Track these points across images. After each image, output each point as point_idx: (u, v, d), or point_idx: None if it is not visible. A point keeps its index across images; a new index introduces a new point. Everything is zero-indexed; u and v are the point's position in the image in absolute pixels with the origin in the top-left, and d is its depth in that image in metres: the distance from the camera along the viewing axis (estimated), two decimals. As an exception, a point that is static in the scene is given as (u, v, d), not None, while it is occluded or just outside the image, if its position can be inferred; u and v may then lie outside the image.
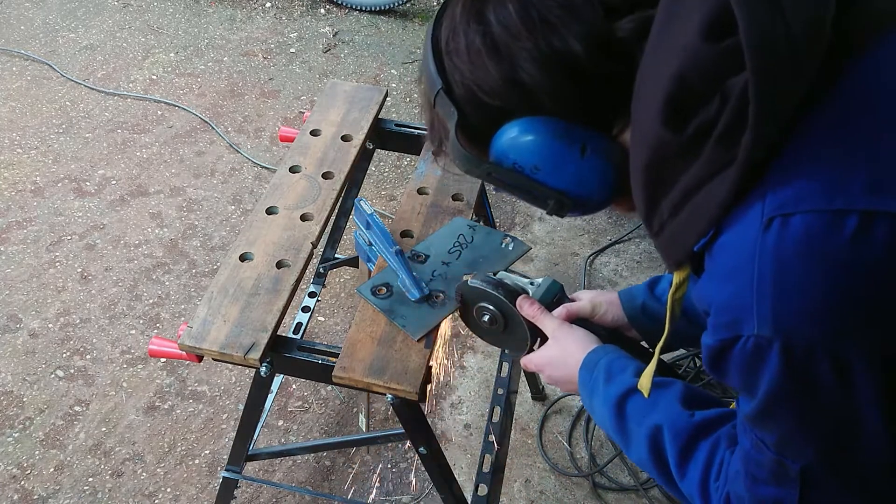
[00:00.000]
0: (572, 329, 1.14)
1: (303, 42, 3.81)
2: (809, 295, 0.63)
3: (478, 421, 2.35)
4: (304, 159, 1.73)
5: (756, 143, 0.64)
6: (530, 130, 0.79)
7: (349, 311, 2.65)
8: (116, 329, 2.57)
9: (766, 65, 0.62)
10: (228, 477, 1.85)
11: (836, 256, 0.61)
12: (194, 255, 2.81)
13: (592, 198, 0.85)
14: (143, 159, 3.18)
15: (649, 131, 0.71)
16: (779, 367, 0.66)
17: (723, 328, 0.69)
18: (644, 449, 0.93)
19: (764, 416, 0.71)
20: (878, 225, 0.61)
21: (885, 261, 0.61)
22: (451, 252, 1.52)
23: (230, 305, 1.44)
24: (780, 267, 0.63)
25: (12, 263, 2.76)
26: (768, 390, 0.68)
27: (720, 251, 0.69)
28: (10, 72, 3.57)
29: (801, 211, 0.63)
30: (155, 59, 3.68)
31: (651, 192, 0.74)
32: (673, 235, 0.74)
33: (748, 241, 0.65)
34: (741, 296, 0.66)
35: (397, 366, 1.35)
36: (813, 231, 0.62)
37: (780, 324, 0.64)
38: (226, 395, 2.41)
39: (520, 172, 0.83)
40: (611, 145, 0.82)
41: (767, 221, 0.64)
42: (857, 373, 0.64)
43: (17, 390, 2.40)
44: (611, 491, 2.21)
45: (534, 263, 2.79)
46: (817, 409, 0.68)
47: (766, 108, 0.63)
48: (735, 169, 0.65)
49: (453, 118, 0.82)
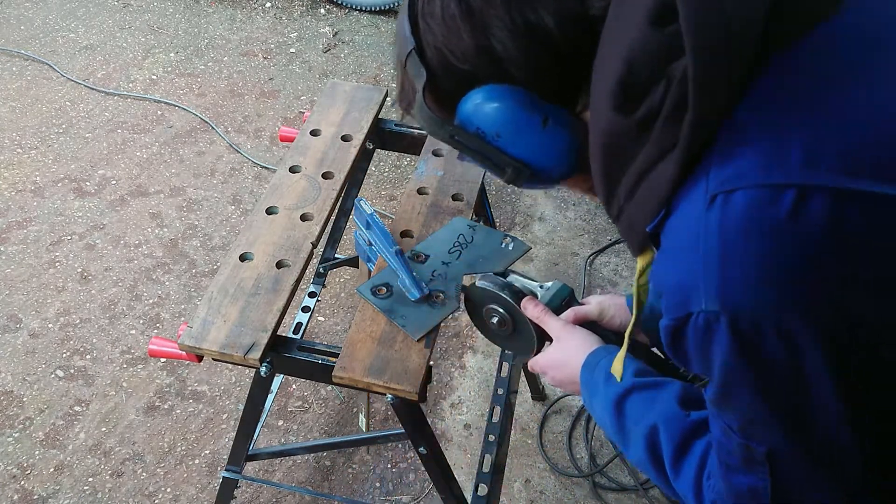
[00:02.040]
0: (575, 330, 1.14)
1: (303, 42, 3.81)
2: (751, 268, 0.63)
3: (478, 421, 2.35)
4: (304, 159, 1.73)
5: (697, 123, 0.65)
6: (495, 98, 0.80)
7: (349, 311, 2.65)
8: (116, 329, 2.57)
9: (703, 48, 0.63)
10: (228, 477, 1.85)
11: (776, 230, 0.62)
12: (194, 255, 2.81)
13: (549, 169, 0.87)
14: (143, 159, 3.18)
15: (603, 115, 0.72)
16: (728, 342, 0.66)
17: (675, 307, 0.69)
18: (641, 448, 0.93)
19: (724, 397, 0.72)
20: (815, 199, 0.61)
21: (822, 234, 0.62)
22: (451, 252, 1.52)
23: (230, 305, 1.44)
24: (723, 242, 0.64)
25: (12, 263, 2.76)
26: (722, 367, 0.69)
27: (670, 231, 0.71)
28: (10, 72, 3.57)
29: (742, 186, 0.63)
30: (155, 59, 3.68)
31: (608, 176, 0.75)
32: (630, 219, 0.75)
33: (694, 219, 0.66)
34: (689, 273, 0.67)
35: (397, 366, 1.35)
36: (753, 205, 0.63)
37: (726, 298, 0.65)
38: (226, 395, 2.41)
39: (481, 138, 0.84)
40: (573, 121, 0.83)
41: (711, 198, 0.65)
42: (804, 347, 0.64)
43: (17, 390, 2.40)
44: (611, 491, 2.21)
45: (534, 263, 2.79)
46: (772, 387, 0.68)
47: (704, 89, 0.64)
48: (679, 148, 0.67)
49: (422, 79, 0.83)
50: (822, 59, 0.67)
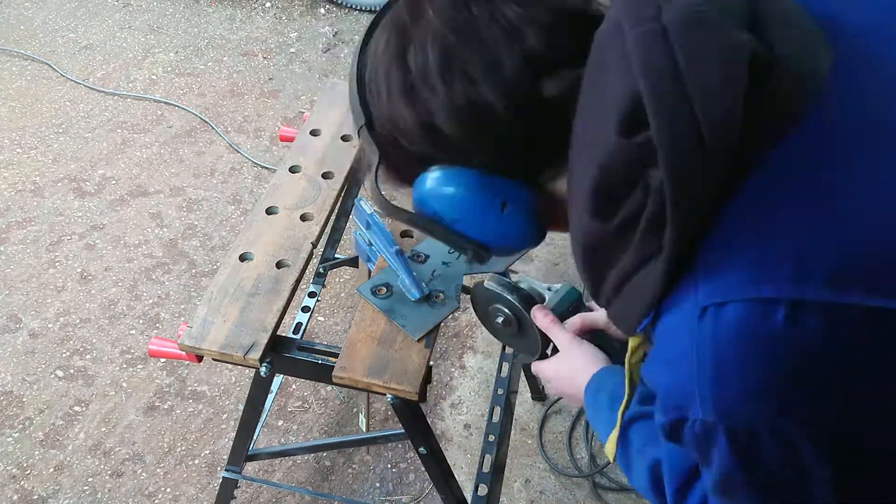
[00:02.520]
0: (582, 345, 1.13)
1: (303, 42, 3.81)
2: (746, 378, 0.64)
3: (478, 421, 2.35)
4: (304, 159, 1.73)
5: (677, 238, 0.64)
6: (448, 183, 0.77)
7: (349, 311, 2.65)
8: (116, 329, 2.57)
9: (678, 163, 0.61)
10: (228, 477, 1.85)
11: (770, 341, 0.62)
12: (194, 255, 2.81)
13: (513, 248, 0.86)
14: (143, 159, 3.18)
15: (582, 219, 0.71)
16: (726, 449, 0.67)
17: (671, 410, 0.70)
18: (644, 479, 0.93)
19: (723, 492, 0.72)
20: (808, 313, 0.61)
21: (815, 346, 0.62)
22: (451, 252, 1.52)
23: (230, 305, 1.44)
24: (716, 354, 0.64)
25: (12, 263, 2.76)
26: (720, 469, 0.69)
27: (660, 336, 0.70)
28: (10, 72, 3.57)
29: (733, 300, 0.63)
30: (155, 59, 3.68)
31: (592, 275, 0.74)
32: (617, 313, 0.74)
33: (685, 330, 0.66)
34: (684, 383, 0.67)
35: (397, 366, 1.35)
36: (745, 319, 0.63)
37: (722, 408, 0.65)
38: (226, 395, 2.41)
39: (439, 222, 0.82)
40: (535, 198, 0.80)
41: (702, 310, 0.64)
42: (803, 453, 0.65)
43: (16, 390, 2.40)
44: (611, 491, 2.21)
45: (534, 263, 2.79)
46: (772, 489, 0.69)
47: (682, 205, 0.63)
48: (662, 261, 0.65)
49: (374, 159, 0.80)
50: (807, 159, 0.65)
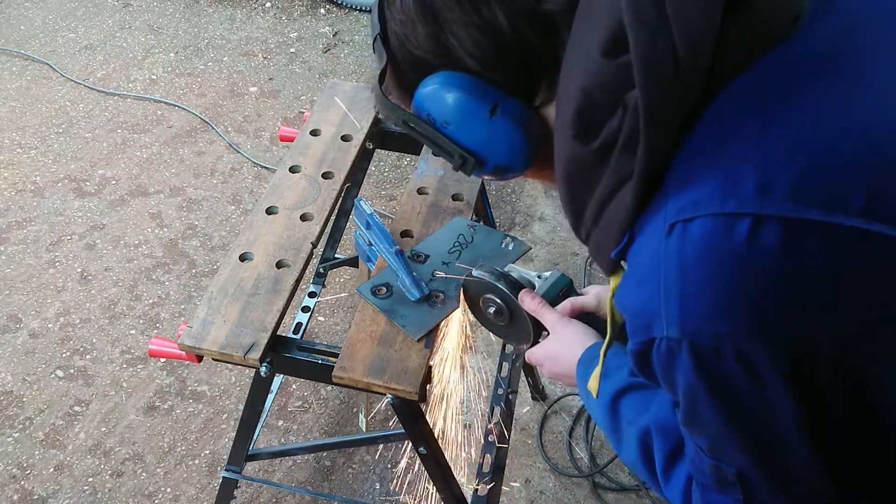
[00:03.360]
0: (570, 323, 1.14)
1: (303, 42, 3.81)
2: (709, 295, 0.64)
3: (478, 421, 2.35)
4: (304, 159, 1.73)
5: (649, 153, 0.66)
6: (446, 85, 0.82)
7: (349, 311, 2.65)
8: (116, 329, 2.57)
9: (652, 82, 0.64)
10: (228, 477, 1.85)
11: (732, 258, 0.63)
12: (194, 255, 2.81)
13: (495, 160, 0.87)
14: (143, 159, 3.18)
15: (565, 143, 0.73)
16: (690, 367, 0.67)
17: (639, 331, 0.71)
18: (634, 450, 0.93)
19: (692, 420, 0.73)
20: (768, 228, 0.62)
21: (776, 262, 0.62)
22: (451, 252, 1.52)
23: (230, 305, 1.44)
24: (682, 270, 0.65)
25: (12, 263, 2.76)
26: (686, 391, 0.70)
27: (632, 257, 0.72)
28: (10, 72, 3.57)
29: (699, 215, 0.64)
30: (155, 59, 3.68)
31: (574, 202, 0.77)
32: (597, 243, 0.76)
33: (654, 247, 0.67)
34: (651, 300, 0.68)
35: (397, 366, 1.35)
36: (710, 234, 0.64)
37: (686, 325, 0.66)
38: (226, 395, 2.41)
39: (431, 124, 0.86)
40: (526, 113, 0.83)
41: (669, 227, 0.66)
42: (765, 374, 0.65)
43: (17, 390, 2.40)
44: (611, 491, 2.21)
45: (534, 263, 2.79)
46: (736, 411, 0.69)
47: (654, 121, 0.65)
48: (635, 177, 0.68)
49: (382, 63, 0.85)
50: (775, 83, 0.67)
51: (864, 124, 0.65)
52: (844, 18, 0.71)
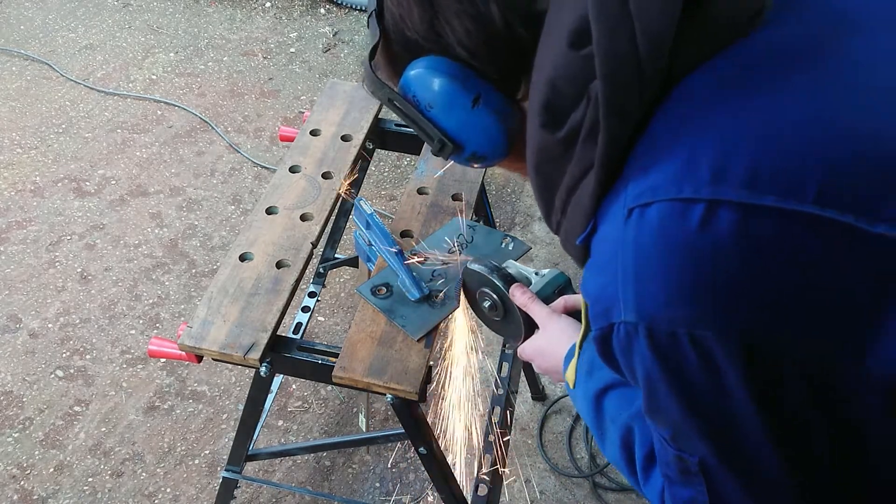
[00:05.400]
0: (559, 318, 1.14)
1: (303, 42, 3.81)
2: (663, 280, 0.65)
3: (478, 421, 2.35)
4: (304, 159, 1.73)
5: (609, 142, 0.68)
6: (433, 69, 0.83)
7: (349, 311, 2.65)
8: (116, 329, 2.57)
9: (613, 72, 0.66)
10: (228, 477, 1.85)
11: (686, 243, 0.64)
12: (194, 255, 2.81)
13: (473, 147, 0.89)
14: (143, 159, 3.18)
15: (534, 133, 0.75)
16: (647, 352, 0.68)
17: (599, 317, 0.71)
18: (616, 448, 0.93)
19: (652, 408, 0.73)
20: (722, 213, 0.62)
21: (728, 247, 0.63)
22: (451, 252, 1.52)
23: (230, 305, 1.44)
24: (638, 255, 0.66)
25: (12, 263, 2.76)
26: (644, 377, 0.70)
27: (595, 244, 0.73)
28: (10, 72, 3.57)
29: (656, 200, 0.65)
30: (155, 59, 3.68)
31: (545, 192, 0.78)
32: (566, 233, 0.77)
33: (614, 233, 0.69)
34: (609, 285, 0.69)
35: (397, 366, 1.35)
36: (665, 219, 0.65)
37: (642, 309, 0.66)
38: (226, 395, 2.41)
39: (415, 106, 0.87)
40: (507, 104, 0.85)
41: (628, 212, 0.67)
42: (721, 363, 0.65)
43: (17, 390, 2.40)
44: (611, 491, 2.21)
45: (533, 263, 2.79)
46: (694, 398, 0.69)
47: (615, 110, 0.67)
48: (596, 165, 0.69)
49: (374, 40, 0.88)
50: (734, 76, 0.69)
51: (821, 115, 0.65)
52: (808, 14, 0.72)
